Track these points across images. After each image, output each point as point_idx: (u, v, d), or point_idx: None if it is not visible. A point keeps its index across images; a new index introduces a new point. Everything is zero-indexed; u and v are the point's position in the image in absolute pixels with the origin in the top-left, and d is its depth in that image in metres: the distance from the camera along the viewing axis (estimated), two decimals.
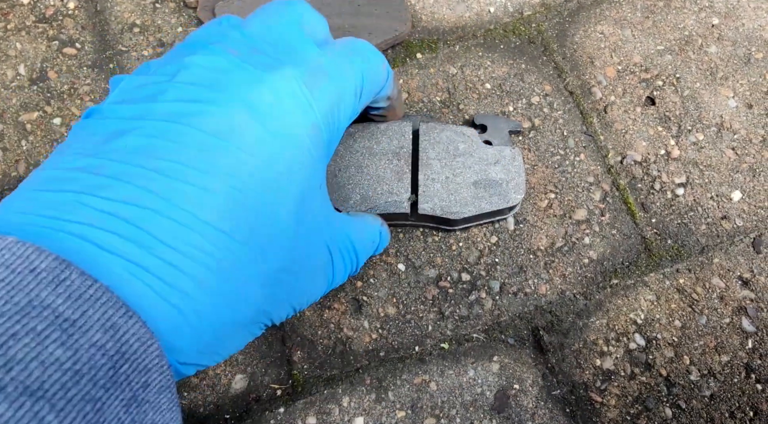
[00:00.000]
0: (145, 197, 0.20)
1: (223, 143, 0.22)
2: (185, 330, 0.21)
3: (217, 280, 0.21)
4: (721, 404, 0.34)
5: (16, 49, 0.44)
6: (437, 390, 0.34)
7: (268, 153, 0.23)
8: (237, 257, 0.22)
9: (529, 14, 0.45)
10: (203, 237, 0.21)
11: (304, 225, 0.25)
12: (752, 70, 0.42)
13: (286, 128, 0.24)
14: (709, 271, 0.37)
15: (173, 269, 0.20)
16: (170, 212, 0.20)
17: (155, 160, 0.21)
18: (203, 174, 0.21)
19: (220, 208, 0.21)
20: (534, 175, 0.39)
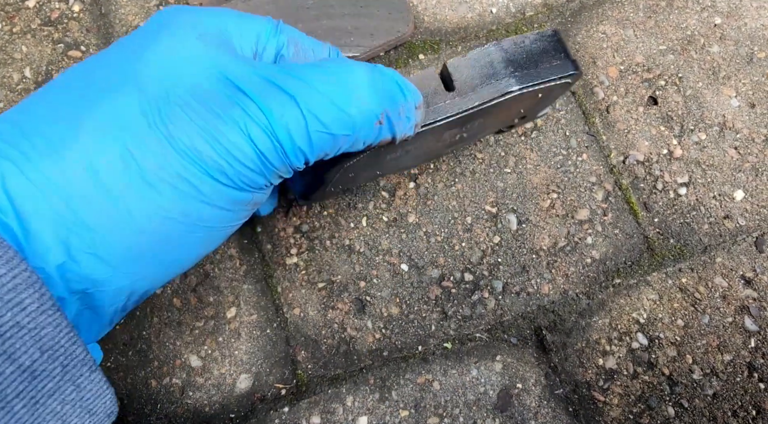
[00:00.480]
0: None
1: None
2: (41, 205, 0.19)
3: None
4: (724, 403, 0.34)
5: (22, 52, 0.44)
6: (440, 390, 0.34)
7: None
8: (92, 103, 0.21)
9: (532, 15, 0.45)
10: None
11: (174, 72, 0.22)
12: (755, 69, 0.42)
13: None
14: (712, 270, 0.37)
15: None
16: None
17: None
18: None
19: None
20: (536, 175, 0.39)
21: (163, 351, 0.35)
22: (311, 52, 0.27)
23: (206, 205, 0.22)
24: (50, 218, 0.20)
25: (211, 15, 0.24)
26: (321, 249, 0.38)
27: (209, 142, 0.21)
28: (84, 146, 0.20)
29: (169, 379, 0.35)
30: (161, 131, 0.21)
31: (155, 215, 0.21)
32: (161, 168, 0.21)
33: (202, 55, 0.22)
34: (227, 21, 0.24)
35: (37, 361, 0.19)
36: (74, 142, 0.20)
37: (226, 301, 0.37)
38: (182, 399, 0.34)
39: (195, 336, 0.36)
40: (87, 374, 0.21)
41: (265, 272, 0.37)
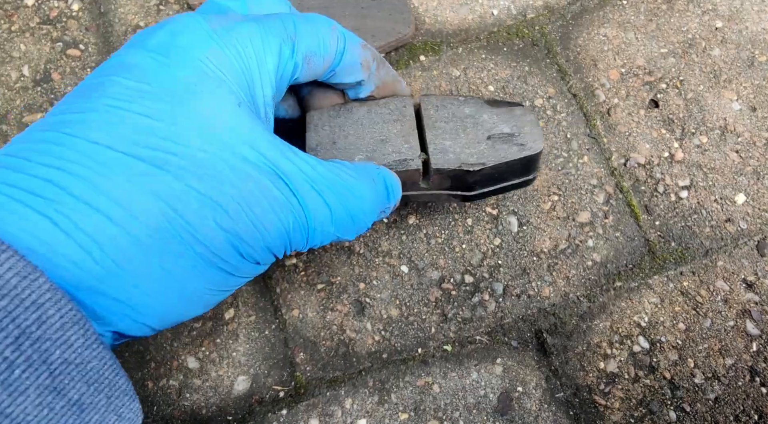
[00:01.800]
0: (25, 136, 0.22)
1: (111, 78, 0.23)
2: (71, 248, 0.20)
3: (95, 192, 0.20)
4: (726, 407, 0.34)
5: (20, 51, 0.44)
6: (440, 392, 0.34)
7: (155, 76, 0.23)
8: (120, 169, 0.21)
9: (533, 17, 0.45)
10: (78, 152, 0.21)
11: (214, 142, 0.23)
12: (756, 73, 0.42)
13: (180, 56, 0.23)
14: (713, 274, 0.37)
15: (47, 184, 0.20)
16: (48, 136, 0.21)
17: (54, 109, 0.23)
18: (86, 100, 0.22)
19: (98, 125, 0.21)
20: (537, 178, 0.39)
21: (160, 352, 0.35)
22: (321, 60, 0.28)
23: (235, 277, 0.25)
24: (111, 276, 0.21)
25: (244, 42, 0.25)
26: (320, 250, 0.37)
27: (253, 235, 0.24)
28: (124, 201, 0.21)
29: (166, 380, 0.34)
30: (210, 217, 0.22)
31: (199, 287, 0.24)
32: (207, 249, 0.23)
33: (243, 131, 0.24)
34: (249, 54, 0.25)
35: (84, 394, 0.20)
36: (113, 197, 0.21)
37: (224, 302, 0.36)
38: (179, 401, 0.34)
39: (192, 337, 0.35)
40: (128, 403, 0.22)
41: (263, 273, 0.37)
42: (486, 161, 0.31)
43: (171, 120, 0.22)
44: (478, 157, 0.31)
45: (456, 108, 0.33)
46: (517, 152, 0.31)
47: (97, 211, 0.20)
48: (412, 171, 0.30)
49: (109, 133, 0.21)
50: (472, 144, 0.31)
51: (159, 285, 0.22)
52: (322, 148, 0.31)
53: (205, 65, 0.23)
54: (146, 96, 0.22)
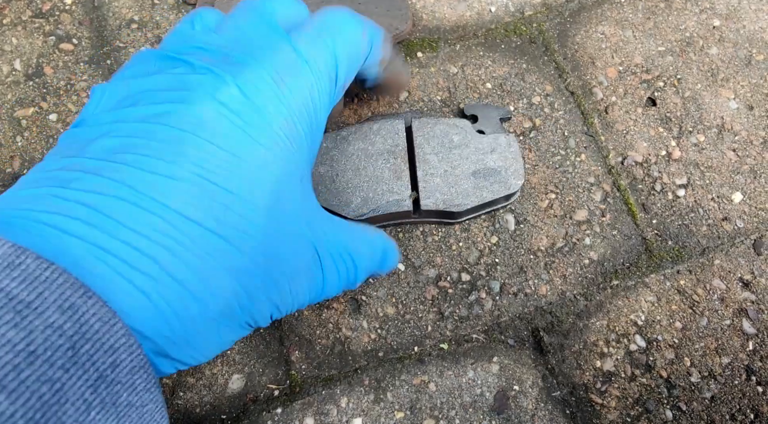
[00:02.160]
0: (111, 186, 0.21)
1: (190, 136, 0.22)
2: (151, 314, 0.21)
3: (181, 265, 0.21)
4: (722, 406, 0.34)
5: (12, 44, 0.43)
6: (436, 391, 0.34)
7: (237, 145, 0.23)
8: (203, 245, 0.22)
9: (531, 14, 0.45)
10: (167, 222, 0.21)
11: (283, 220, 0.25)
12: (753, 71, 0.42)
13: (257, 122, 0.24)
14: (710, 272, 0.37)
15: (136, 252, 0.20)
16: (134, 199, 0.21)
17: (124, 154, 0.22)
18: (170, 164, 0.22)
19: (186, 196, 0.21)
20: (534, 176, 0.39)
21: None
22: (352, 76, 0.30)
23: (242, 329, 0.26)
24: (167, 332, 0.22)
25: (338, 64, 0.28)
26: None
27: (289, 302, 0.26)
28: (203, 276, 0.22)
29: (160, 379, 0.34)
30: (266, 283, 0.25)
31: (231, 341, 0.26)
32: (251, 316, 0.25)
33: (304, 209, 0.26)
34: (311, 113, 0.27)
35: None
36: (194, 270, 0.22)
37: None
38: (173, 400, 0.34)
39: None
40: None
41: None
42: (470, 203, 0.35)
43: (248, 197, 0.23)
44: (464, 197, 0.35)
45: (445, 136, 0.37)
46: (499, 191, 0.35)
47: (180, 283, 0.21)
48: (404, 211, 0.35)
49: (196, 206, 0.22)
50: (460, 181, 0.35)
51: (213, 349, 0.25)
52: (324, 188, 0.35)
53: (278, 136, 0.24)
54: (227, 167, 0.23)
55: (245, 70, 0.24)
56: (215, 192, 0.22)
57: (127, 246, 0.20)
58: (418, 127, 0.37)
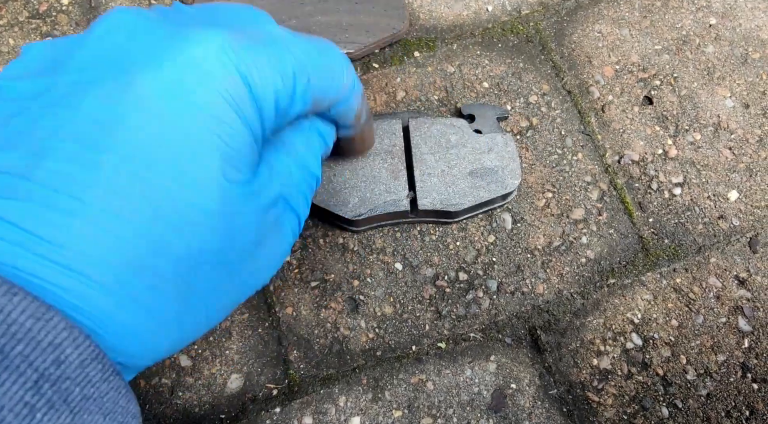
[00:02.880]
0: (19, 187, 0.18)
1: (120, 111, 0.19)
2: (97, 300, 0.19)
3: (114, 273, 0.19)
4: (718, 403, 0.34)
5: (9, 46, 0.43)
6: (434, 390, 0.34)
7: (174, 119, 0.20)
8: (136, 241, 0.19)
9: (527, 13, 0.45)
10: (89, 223, 0.19)
11: (231, 198, 0.22)
12: (749, 70, 0.42)
13: (198, 95, 0.20)
14: (706, 270, 0.37)
15: (60, 267, 0.18)
16: (48, 200, 0.18)
17: (40, 141, 0.19)
18: (91, 150, 0.19)
19: (109, 187, 0.19)
20: (531, 174, 0.39)
21: None
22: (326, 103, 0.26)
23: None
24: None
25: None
26: (314, 247, 0.37)
27: None
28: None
29: (158, 379, 0.34)
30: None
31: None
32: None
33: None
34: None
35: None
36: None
37: None
38: (172, 399, 0.34)
39: None
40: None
41: None
42: (467, 202, 0.35)
43: (189, 177, 0.20)
44: (461, 196, 0.35)
45: (442, 136, 0.37)
46: (496, 190, 0.35)
47: (114, 297, 0.19)
48: (401, 211, 0.35)
49: (124, 198, 0.19)
50: (457, 180, 0.35)
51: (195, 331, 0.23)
52: (321, 188, 0.35)
53: (223, 99, 0.21)
54: (162, 144, 0.20)
55: (199, 32, 0.21)
56: (146, 176, 0.20)
57: (47, 262, 0.18)
58: (415, 127, 0.37)
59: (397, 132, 0.36)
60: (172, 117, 0.20)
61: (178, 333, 0.22)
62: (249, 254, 0.23)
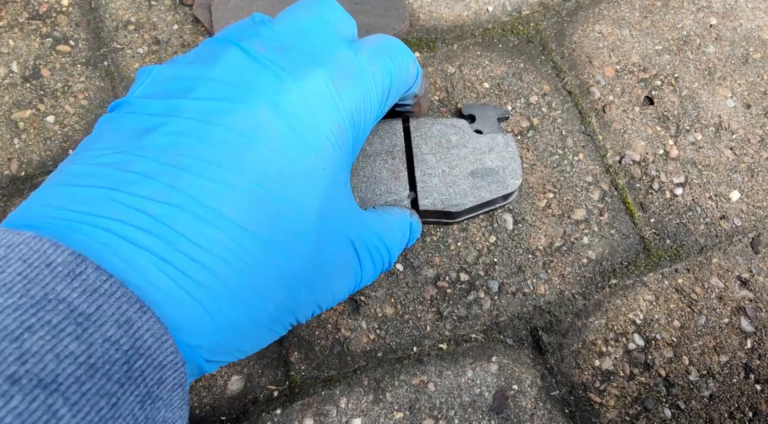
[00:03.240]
0: (170, 194, 0.21)
1: (248, 141, 0.22)
2: (207, 324, 0.21)
3: (236, 275, 0.21)
4: (720, 404, 0.34)
5: (9, 46, 0.43)
6: (435, 391, 0.34)
7: (292, 151, 0.23)
8: (257, 254, 0.22)
9: (528, 13, 0.45)
10: (224, 233, 0.21)
11: (329, 224, 0.25)
12: (750, 70, 0.42)
13: (312, 127, 0.24)
14: (708, 271, 0.37)
15: (195, 264, 0.20)
16: (193, 208, 0.21)
17: (181, 157, 0.21)
18: (227, 171, 0.21)
19: (241, 205, 0.21)
20: (532, 175, 0.39)
21: None
22: (396, 100, 0.31)
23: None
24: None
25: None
26: None
27: (328, 299, 0.27)
28: (256, 284, 0.23)
29: None
30: (311, 287, 0.25)
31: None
32: (294, 318, 0.25)
33: (348, 215, 0.28)
34: (360, 120, 0.27)
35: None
36: (247, 280, 0.22)
37: None
38: None
39: None
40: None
41: None
42: (468, 203, 0.35)
43: (300, 204, 0.23)
44: (462, 197, 0.35)
45: (443, 136, 0.36)
46: (497, 190, 0.35)
47: (234, 294, 0.21)
48: None
49: (252, 216, 0.22)
50: (458, 181, 0.35)
51: (254, 348, 0.25)
52: None
53: (330, 142, 0.24)
54: (283, 174, 0.23)
55: (306, 73, 0.24)
56: (270, 200, 0.22)
57: (187, 258, 0.20)
58: (415, 127, 0.37)
59: (398, 132, 0.36)
60: (291, 154, 0.23)
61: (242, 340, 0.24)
62: (327, 282, 0.26)
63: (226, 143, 0.22)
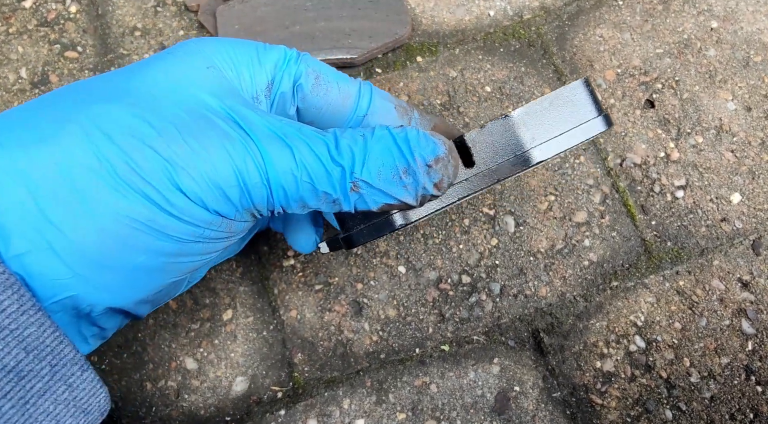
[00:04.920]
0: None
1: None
2: (46, 259, 0.20)
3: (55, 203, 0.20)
4: (722, 406, 0.34)
5: (18, 53, 0.44)
6: (438, 392, 0.34)
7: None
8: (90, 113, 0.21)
9: (529, 18, 0.45)
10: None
11: (178, 93, 0.23)
12: (751, 73, 0.43)
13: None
14: (709, 273, 0.37)
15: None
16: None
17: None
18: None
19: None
20: (534, 178, 0.39)
21: (158, 353, 0.35)
22: (335, 86, 0.27)
23: (174, 219, 0.22)
24: (19, 213, 0.20)
25: (229, 46, 0.26)
26: (318, 251, 0.37)
27: (192, 162, 0.21)
28: (62, 144, 0.21)
29: (164, 381, 0.35)
30: (145, 142, 0.21)
31: (120, 218, 0.21)
32: (134, 173, 0.21)
33: (209, 86, 0.23)
34: (244, 51, 0.25)
35: (23, 361, 0.19)
36: (54, 139, 0.21)
37: (222, 303, 0.36)
38: (177, 402, 0.34)
39: (191, 338, 0.35)
40: (78, 373, 0.21)
41: (261, 274, 0.37)
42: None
43: (137, 77, 0.23)
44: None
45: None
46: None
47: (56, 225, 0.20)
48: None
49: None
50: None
51: (96, 240, 0.21)
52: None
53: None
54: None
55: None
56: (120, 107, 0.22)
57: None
58: None
59: None
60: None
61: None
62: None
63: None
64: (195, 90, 0.23)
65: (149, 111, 0.21)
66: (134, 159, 0.21)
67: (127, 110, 0.21)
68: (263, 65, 0.26)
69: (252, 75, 0.25)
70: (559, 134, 0.25)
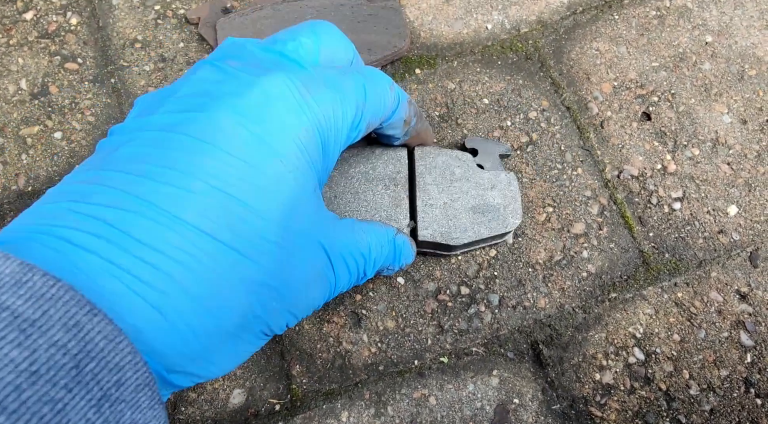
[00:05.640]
0: (126, 200, 0.21)
1: (208, 146, 0.22)
2: (165, 331, 0.21)
3: (196, 280, 0.21)
4: (721, 418, 0.34)
5: (18, 64, 0.44)
6: (437, 404, 0.34)
7: (255, 154, 0.23)
8: (218, 258, 0.22)
9: (526, 31, 0.46)
10: (182, 236, 0.21)
11: (295, 229, 0.25)
12: (746, 86, 0.43)
13: (277, 131, 0.24)
14: (707, 285, 0.37)
15: (150, 267, 0.20)
16: (149, 212, 0.21)
17: (141, 164, 0.22)
18: (185, 175, 0.22)
19: (200, 208, 0.21)
20: (532, 189, 0.40)
21: None
22: (377, 122, 0.30)
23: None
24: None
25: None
26: None
27: (305, 307, 0.27)
28: (216, 290, 0.22)
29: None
30: (282, 296, 0.25)
31: (246, 351, 0.25)
32: (268, 326, 0.25)
33: (318, 223, 0.27)
34: (330, 126, 0.27)
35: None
36: (209, 285, 0.22)
37: None
38: (174, 415, 0.34)
39: None
40: None
41: None
42: (466, 238, 0.34)
43: (263, 209, 0.23)
44: (461, 231, 0.35)
45: (447, 168, 0.36)
46: (496, 228, 0.35)
47: (194, 299, 0.21)
48: None
49: (211, 219, 0.22)
50: (458, 214, 0.35)
51: (230, 361, 0.25)
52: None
53: (297, 147, 0.24)
54: (244, 179, 0.23)
55: (268, 77, 0.24)
56: (230, 204, 0.22)
57: (141, 262, 0.20)
58: (420, 156, 0.36)
59: (402, 159, 0.36)
60: (254, 158, 0.23)
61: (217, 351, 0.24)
62: (298, 288, 0.26)
63: (185, 149, 0.22)
64: (311, 235, 0.26)
65: (273, 274, 0.24)
66: (275, 321, 0.25)
67: (261, 274, 0.24)
68: (341, 143, 0.28)
69: (334, 154, 0.28)
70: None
